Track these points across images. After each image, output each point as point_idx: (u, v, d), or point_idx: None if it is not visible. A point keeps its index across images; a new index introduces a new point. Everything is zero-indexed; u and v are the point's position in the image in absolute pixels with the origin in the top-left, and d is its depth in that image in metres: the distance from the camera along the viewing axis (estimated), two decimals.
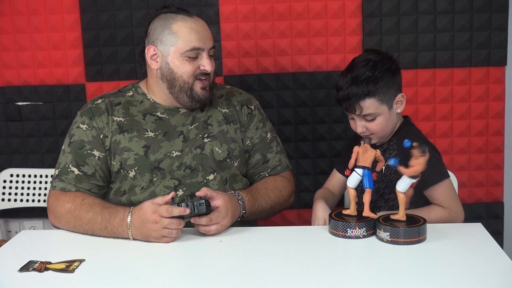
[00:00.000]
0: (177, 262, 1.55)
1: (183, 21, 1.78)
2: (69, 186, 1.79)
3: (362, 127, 1.82)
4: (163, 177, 1.80)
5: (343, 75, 1.82)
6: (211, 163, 1.83)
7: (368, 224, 1.59)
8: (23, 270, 1.46)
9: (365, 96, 1.76)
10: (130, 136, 1.82)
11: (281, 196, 1.89)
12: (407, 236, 1.54)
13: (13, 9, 2.49)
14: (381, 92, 1.77)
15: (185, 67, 1.79)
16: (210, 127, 1.87)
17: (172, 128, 1.85)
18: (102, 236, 1.67)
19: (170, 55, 1.79)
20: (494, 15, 2.42)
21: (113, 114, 1.84)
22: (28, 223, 2.66)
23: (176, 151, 1.82)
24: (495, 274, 1.36)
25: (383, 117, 1.80)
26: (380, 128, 1.81)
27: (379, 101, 1.78)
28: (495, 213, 2.56)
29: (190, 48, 1.77)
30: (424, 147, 1.54)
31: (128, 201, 1.81)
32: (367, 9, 2.44)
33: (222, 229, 1.67)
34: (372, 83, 1.76)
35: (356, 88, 1.76)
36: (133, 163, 1.80)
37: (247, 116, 1.93)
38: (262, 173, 1.94)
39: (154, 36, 1.81)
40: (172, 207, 1.58)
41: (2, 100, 2.56)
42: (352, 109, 1.79)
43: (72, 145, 1.83)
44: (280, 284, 1.34)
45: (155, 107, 1.88)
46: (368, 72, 1.77)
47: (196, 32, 1.78)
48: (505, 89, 2.48)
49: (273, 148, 1.95)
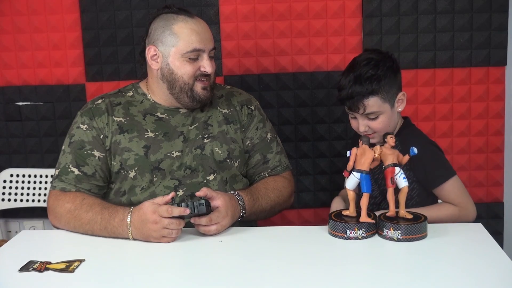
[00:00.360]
0: (177, 262, 1.55)
1: (184, 22, 1.78)
2: (69, 186, 1.79)
3: (364, 126, 1.82)
4: (163, 178, 1.80)
5: (345, 74, 1.83)
6: (211, 164, 1.83)
7: (367, 225, 1.59)
8: (23, 270, 1.46)
9: (369, 94, 1.77)
10: (130, 136, 1.82)
11: (281, 196, 1.89)
12: (417, 232, 1.55)
13: (13, 9, 2.49)
14: (384, 90, 1.78)
15: (185, 68, 1.79)
16: (210, 127, 1.87)
17: (172, 128, 1.85)
18: (102, 236, 1.67)
19: (170, 56, 1.79)
20: (494, 15, 2.42)
21: (113, 114, 1.84)
22: (28, 223, 2.66)
23: (176, 151, 1.82)
24: (495, 274, 1.36)
25: (386, 116, 1.81)
26: (383, 127, 1.81)
27: (382, 99, 1.78)
28: (495, 213, 2.56)
29: (190, 49, 1.77)
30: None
31: (128, 202, 1.81)
32: (367, 9, 2.44)
33: (222, 229, 1.67)
34: (375, 82, 1.77)
35: (360, 87, 1.77)
36: (133, 163, 1.80)
37: (247, 116, 1.93)
38: (262, 173, 1.93)
39: (155, 37, 1.81)
40: (172, 207, 1.58)
41: (2, 100, 2.56)
42: (355, 108, 1.79)
43: (72, 145, 1.83)
44: (280, 284, 1.34)
45: (155, 107, 1.88)
46: (371, 70, 1.78)
47: (197, 33, 1.78)
48: (505, 89, 2.48)
49: (273, 148, 1.95)
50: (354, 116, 1.84)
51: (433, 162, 1.83)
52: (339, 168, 2.52)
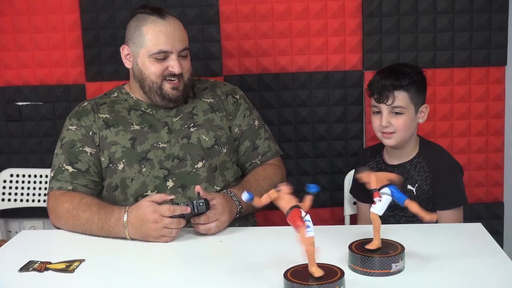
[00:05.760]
0: (177, 262, 1.55)
1: (153, 23, 1.82)
2: (66, 184, 1.80)
3: (387, 121, 1.86)
4: (152, 168, 1.82)
5: (379, 72, 1.93)
6: (199, 151, 1.85)
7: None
8: (23, 270, 1.46)
9: (401, 87, 1.85)
10: (117, 130, 1.85)
11: (273, 184, 1.88)
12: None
13: (13, 9, 2.49)
14: (413, 91, 1.86)
15: (153, 68, 1.83)
16: (195, 116, 1.91)
17: (156, 121, 1.88)
18: (100, 236, 1.67)
19: (139, 56, 1.84)
20: (494, 15, 2.42)
21: (99, 112, 1.89)
22: (28, 223, 2.66)
23: (162, 142, 1.84)
24: (495, 274, 1.36)
25: (408, 117, 1.87)
26: (403, 127, 1.86)
27: (410, 98, 1.86)
28: (495, 213, 2.56)
29: (156, 51, 1.81)
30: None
31: (123, 195, 1.82)
32: (367, 9, 2.44)
33: (222, 226, 1.67)
34: (408, 79, 1.86)
35: (393, 79, 1.86)
36: (121, 156, 1.82)
37: (233, 105, 1.97)
38: (254, 160, 1.95)
39: (128, 36, 1.88)
40: (174, 206, 1.59)
41: (2, 100, 2.56)
42: (384, 98, 1.85)
43: (64, 146, 1.86)
44: (280, 284, 1.34)
45: (139, 104, 1.92)
46: (408, 70, 1.88)
47: (164, 35, 1.81)
48: (505, 89, 2.48)
49: (261, 134, 1.98)
50: (379, 111, 1.87)
51: (452, 186, 1.90)
52: (339, 168, 2.52)
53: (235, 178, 1.92)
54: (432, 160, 1.89)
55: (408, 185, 1.89)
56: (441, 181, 1.86)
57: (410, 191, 1.89)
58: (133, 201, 1.78)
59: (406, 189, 1.89)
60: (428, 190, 1.88)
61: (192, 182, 1.80)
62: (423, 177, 1.89)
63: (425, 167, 1.89)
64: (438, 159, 1.90)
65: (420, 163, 1.90)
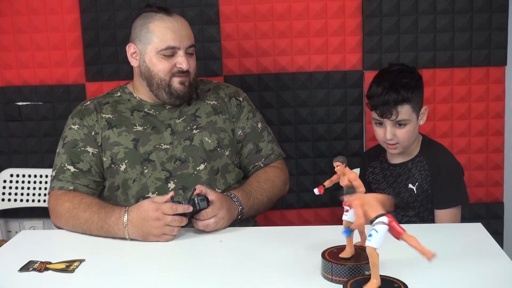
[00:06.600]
0: (177, 262, 1.55)
1: (160, 20, 1.83)
2: (67, 184, 1.80)
3: (391, 134, 1.86)
4: (154, 169, 1.82)
5: (376, 82, 1.89)
6: (201, 153, 1.85)
7: None
8: (23, 270, 1.46)
9: (403, 101, 1.83)
10: (119, 131, 1.85)
11: (275, 186, 1.90)
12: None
13: (13, 9, 2.49)
14: (414, 100, 1.85)
15: (161, 65, 1.83)
16: (198, 118, 1.90)
17: (160, 122, 1.88)
18: (100, 236, 1.67)
19: (147, 53, 1.84)
20: (494, 15, 2.42)
21: (102, 111, 1.88)
22: (28, 223, 2.66)
23: (165, 144, 1.84)
24: (495, 274, 1.36)
25: (412, 126, 1.87)
26: (408, 137, 1.87)
27: (412, 108, 1.85)
28: (495, 213, 2.56)
29: (165, 47, 1.81)
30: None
31: (124, 195, 1.82)
32: (367, 9, 2.44)
33: (221, 222, 1.66)
34: (409, 90, 1.83)
35: (395, 94, 1.83)
36: (123, 157, 1.82)
37: (236, 107, 1.96)
38: (257, 163, 1.95)
39: (134, 35, 1.87)
40: (176, 205, 1.60)
41: (2, 100, 2.56)
42: (388, 114, 1.84)
43: (66, 145, 1.86)
44: (280, 284, 1.34)
45: (142, 104, 1.92)
46: (406, 79, 1.85)
47: (172, 32, 1.81)
48: (505, 89, 2.48)
49: (264, 137, 1.97)
50: (381, 123, 1.87)
51: (450, 185, 1.89)
52: None
53: (237, 181, 1.91)
54: (432, 159, 1.90)
55: (409, 184, 1.90)
56: (439, 180, 1.87)
57: (411, 189, 1.89)
58: (134, 202, 1.77)
59: (407, 188, 1.90)
60: (427, 189, 1.88)
61: (193, 184, 1.80)
62: (423, 176, 1.89)
63: (426, 166, 1.89)
64: (438, 158, 1.91)
65: (421, 162, 1.91)
